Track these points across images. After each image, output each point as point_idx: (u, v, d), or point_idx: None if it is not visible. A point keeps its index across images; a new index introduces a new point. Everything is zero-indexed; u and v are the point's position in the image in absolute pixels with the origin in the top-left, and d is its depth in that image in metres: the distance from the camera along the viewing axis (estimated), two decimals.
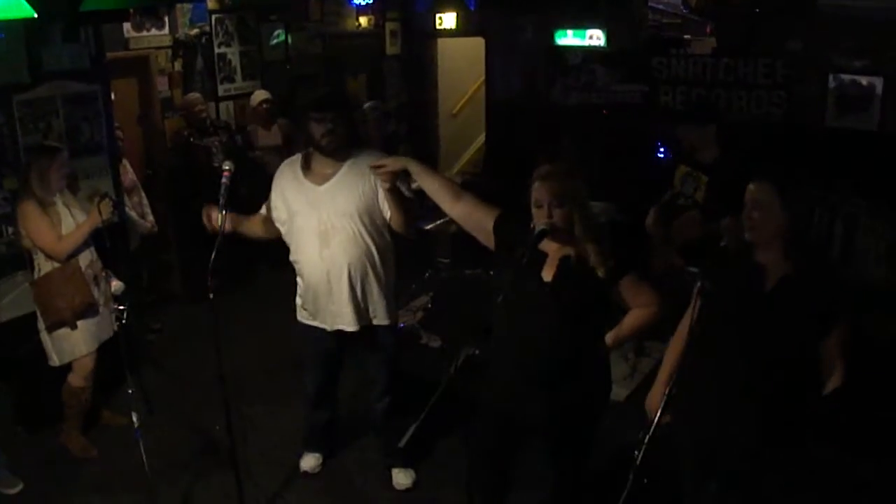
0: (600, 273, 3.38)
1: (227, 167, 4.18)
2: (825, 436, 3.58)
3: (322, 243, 4.38)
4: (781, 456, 3.26)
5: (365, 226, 4.39)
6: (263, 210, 4.62)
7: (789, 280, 3.19)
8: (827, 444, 4.37)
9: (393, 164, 3.89)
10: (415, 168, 3.83)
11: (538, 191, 3.41)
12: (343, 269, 4.38)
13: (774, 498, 3.31)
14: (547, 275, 3.47)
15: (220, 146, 7.68)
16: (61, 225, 4.96)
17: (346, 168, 4.39)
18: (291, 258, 4.57)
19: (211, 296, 3.89)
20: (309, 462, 5.09)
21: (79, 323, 5.01)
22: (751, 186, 3.24)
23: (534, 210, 3.43)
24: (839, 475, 4.62)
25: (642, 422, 3.33)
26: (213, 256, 3.90)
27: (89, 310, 5.03)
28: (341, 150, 4.38)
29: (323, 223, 4.37)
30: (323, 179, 4.40)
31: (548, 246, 3.46)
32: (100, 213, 4.87)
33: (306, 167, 4.47)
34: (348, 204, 4.36)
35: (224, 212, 4.12)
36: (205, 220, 4.35)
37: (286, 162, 4.63)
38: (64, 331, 5.01)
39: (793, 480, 3.28)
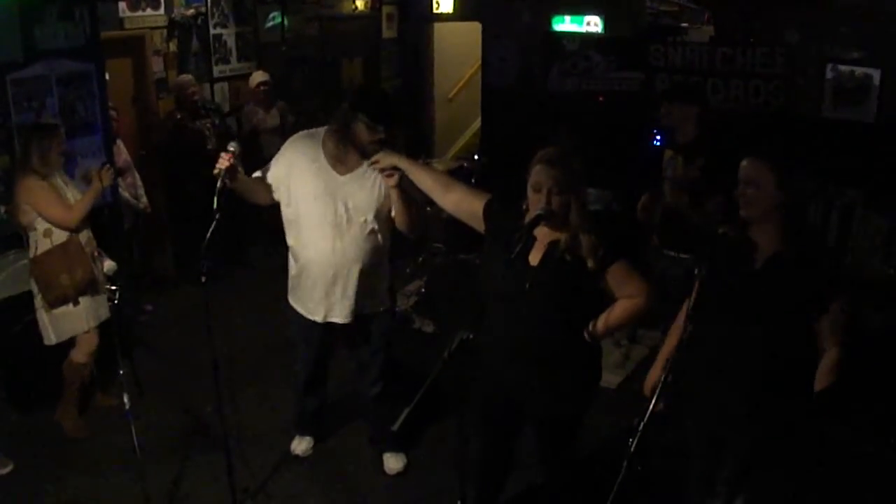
0: (590, 263, 3.37)
1: (231, 149, 4.05)
2: (838, 416, 3.56)
3: (336, 236, 4.26)
4: (779, 434, 3.27)
5: (377, 221, 4.31)
6: (258, 173, 4.39)
7: (780, 257, 3.20)
8: (840, 423, 4.37)
9: (385, 160, 3.86)
10: (404, 164, 3.84)
11: (538, 174, 3.39)
12: (352, 263, 4.31)
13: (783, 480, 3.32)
14: (534, 259, 3.46)
15: (211, 129, 7.65)
16: (66, 199, 4.98)
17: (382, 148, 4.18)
18: (290, 243, 4.45)
19: (203, 279, 3.84)
20: (301, 446, 5.09)
21: (80, 299, 5.01)
22: (744, 163, 3.26)
23: (530, 193, 3.41)
24: (851, 455, 4.62)
25: (635, 409, 3.32)
26: (206, 238, 3.80)
27: (90, 286, 5.02)
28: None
29: (339, 215, 4.24)
30: (346, 169, 4.26)
31: (538, 230, 3.45)
32: (100, 180, 4.99)
33: (331, 151, 4.28)
34: (369, 198, 4.26)
35: (221, 195, 3.94)
36: (220, 165, 4.03)
37: (305, 134, 4.41)
38: (65, 308, 4.99)
39: (801, 462, 3.29)
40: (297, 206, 4.32)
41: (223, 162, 3.97)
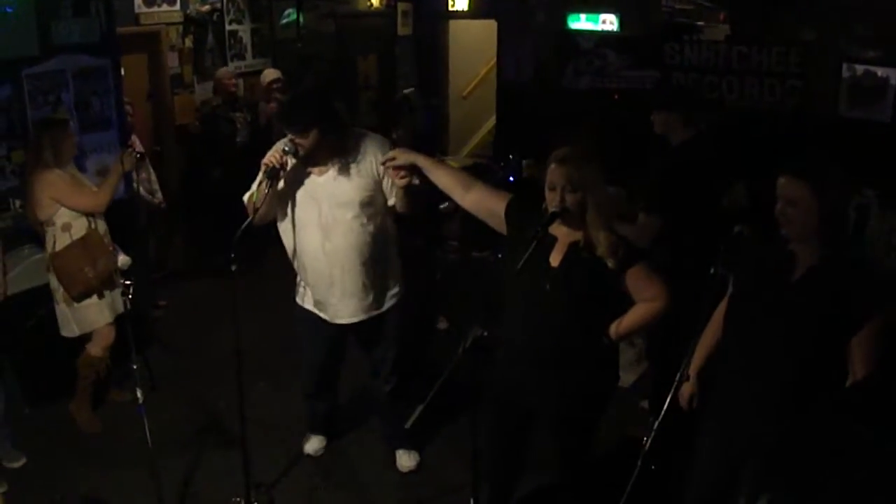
0: (609, 263, 3.35)
1: (286, 148, 4.01)
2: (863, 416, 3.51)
3: (324, 237, 4.24)
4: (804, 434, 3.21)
5: (367, 215, 4.26)
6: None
7: (819, 270, 3.10)
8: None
9: (401, 158, 3.81)
10: (423, 162, 3.78)
11: (553, 173, 3.37)
12: (346, 263, 4.27)
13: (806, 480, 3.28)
14: (554, 259, 3.44)
15: (244, 123, 7.70)
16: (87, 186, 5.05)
17: (345, 156, 4.21)
18: (288, 250, 4.46)
19: (233, 268, 3.86)
20: (313, 445, 5.08)
21: (104, 292, 5.06)
22: (782, 180, 3.12)
23: (546, 192, 3.40)
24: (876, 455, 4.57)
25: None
26: (240, 230, 3.83)
27: (110, 278, 5.04)
28: (336, 143, 4.19)
29: (324, 216, 4.22)
30: (321, 170, 4.22)
31: (558, 230, 3.43)
32: (122, 163, 5.03)
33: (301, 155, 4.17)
34: (349, 194, 4.21)
35: (268, 190, 3.97)
36: (272, 159, 4.02)
37: (282, 142, 4.21)
38: (88, 301, 5.03)
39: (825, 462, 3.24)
40: (287, 214, 4.32)
41: (275, 156, 3.98)
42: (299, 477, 4.89)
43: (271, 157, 3.99)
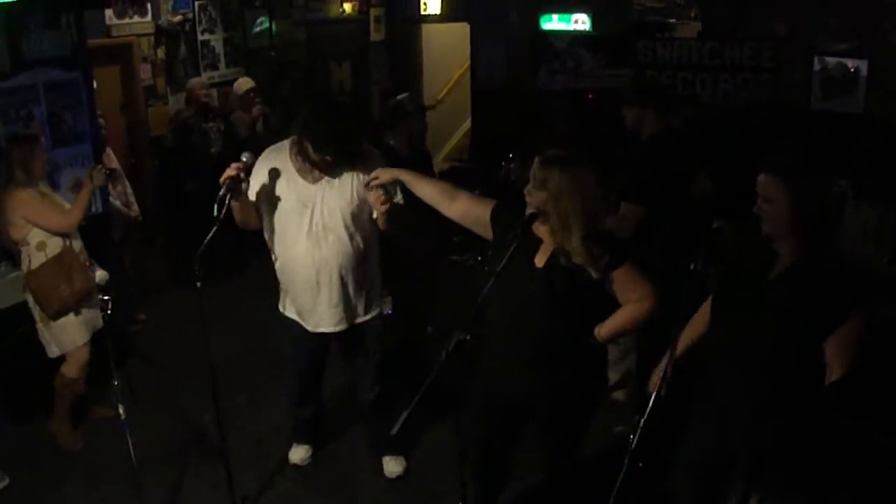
0: (592, 273, 3.33)
1: (244, 159, 3.99)
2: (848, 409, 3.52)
3: (314, 245, 4.21)
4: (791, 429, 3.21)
5: (356, 225, 4.26)
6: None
7: (796, 269, 3.11)
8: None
9: (384, 176, 3.88)
10: (406, 177, 3.85)
11: (536, 174, 3.39)
12: (334, 271, 4.25)
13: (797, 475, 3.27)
14: (539, 261, 3.44)
15: (218, 133, 7.65)
16: (59, 205, 4.99)
17: (340, 167, 4.20)
18: (274, 256, 4.42)
19: (198, 284, 3.80)
20: (298, 454, 5.05)
21: (81, 309, 5.02)
22: (760, 177, 3.13)
23: (531, 192, 3.41)
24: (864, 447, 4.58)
25: (633, 405, 3.32)
26: (203, 244, 3.74)
27: (89, 294, 4.99)
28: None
29: (315, 224, 4.20)
30: (315, 177, 4.21)
31: (543, 231, 3.44)
32: (91, 180, 5.00)
33: (298, 161, 4.22)
34: (341, 203, 4.21)
35: (226, 204, 3.88)
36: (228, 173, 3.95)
37: (272, 149, 4.32)
38: (65, 320, 4.98)
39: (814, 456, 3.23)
40: (275, 220, 4.29)
41: (231, 171, 3.91)
42: (284, 487, 4.86)
43: (230, 171, 3.93)
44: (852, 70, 7.08)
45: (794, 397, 3.17)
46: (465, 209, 3.71)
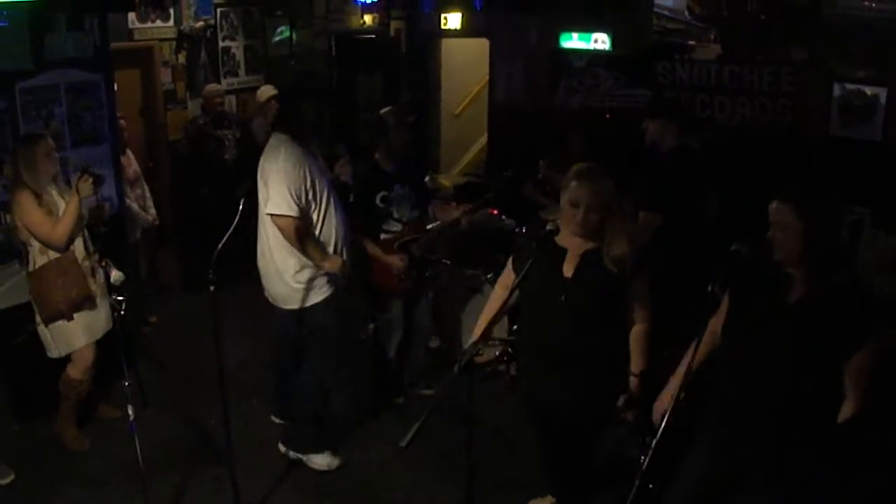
0: (620, 279, 3.53)
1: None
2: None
3: (341, 221, 4.78)
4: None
5: None
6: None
7: (811, 298, 3.11)
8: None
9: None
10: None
11: (575, 190, 3.53)
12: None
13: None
14: (567, 270, 3.59)
15: (232, 140, 7.68)
16: (57, 214, 4.89)
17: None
18: (317, 240, 4.70)
19: (212, 288, 3.83)
20: (325, 460, 5.07)
21: (76, 315, 4.97)
22: (772, 205, 3.15)
23: (567, 207, 3.55)
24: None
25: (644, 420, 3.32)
26: (217, 249, 3.82)
27: (86, 302, 4.98)
28: None
29: (336, 200, 4.80)
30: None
31: (570, 241, 3.59)
32: (77, 191, 4.82)
33: (311, 150, 4.75)
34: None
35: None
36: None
37: (291, 149, 4.64)
38: (61, 323, 4.96)
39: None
40: (322, 204, 4.69)
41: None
42: (290, 495, 4.85)
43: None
44: (872, 97, 7.05)
45: (811, 423, 3.16)
46: (507, 287, 3.74)
